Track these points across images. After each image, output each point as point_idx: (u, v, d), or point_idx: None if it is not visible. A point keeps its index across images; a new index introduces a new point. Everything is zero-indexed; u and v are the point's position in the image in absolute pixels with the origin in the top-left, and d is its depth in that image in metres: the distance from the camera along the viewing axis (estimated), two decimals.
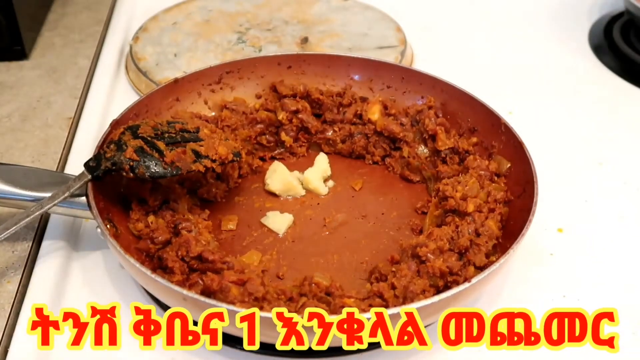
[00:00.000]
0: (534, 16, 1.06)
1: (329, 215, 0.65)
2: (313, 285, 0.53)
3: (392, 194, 0.68)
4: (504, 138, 0.66)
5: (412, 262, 0.55)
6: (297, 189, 0.67)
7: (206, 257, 0.54)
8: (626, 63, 0.94)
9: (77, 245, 0.63)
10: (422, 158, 0.69)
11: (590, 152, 0.78)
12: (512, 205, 0.61)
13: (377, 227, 0.64)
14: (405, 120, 0.70)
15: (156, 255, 0.56)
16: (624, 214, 0.70)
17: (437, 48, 0.96)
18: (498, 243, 0.58)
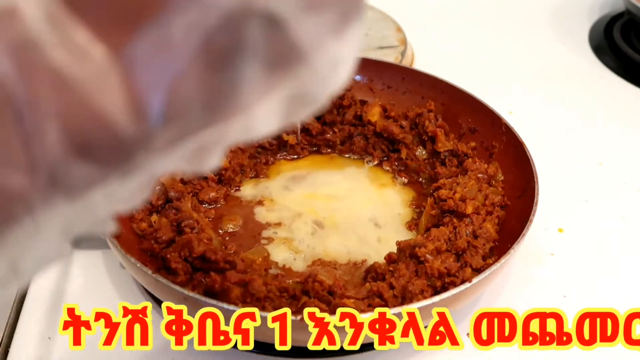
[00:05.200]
0: (534, 16, 1.06)
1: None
2: (316, 284, 0.53)
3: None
4: (505, 138, 0.66)
5: (410, 262, 0.55)
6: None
7: (209, 256, 0.54)
8: (626, 63, 0.94)
9: (78, 245, 0.62)
10: (421, 160, 0.69)
11: (590, 152, 0.78)
12: (512, 206, 0.61)
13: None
14: (404, 123, 0.71)
15: (160, 255, 0.56)
16: (624, 214, 0.70)
17: (438, 48, 0.96)
18: (495, 246, 0.58)
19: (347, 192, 0.68)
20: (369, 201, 0.67)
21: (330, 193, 0.68)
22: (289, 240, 0.62)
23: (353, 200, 0.67)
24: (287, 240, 0.62)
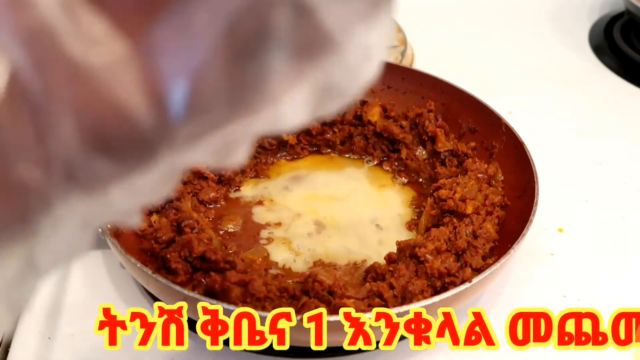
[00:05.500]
0: (534, 16, 1.06)
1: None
2: (316, 284, 0.53)
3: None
4: (505, 138, 0.66)
5: (410, 262, 0.55)
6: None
7: (209, 257, 0.54)
8: (626, 63, 0.94)
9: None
10: (420, 160, 0.69)
11: (590, 152, 0.78)
12: (512, 206, 0.61)
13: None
14: (404, 123, 0.71)
15: (160, 255, 0.56)
16: (624, 214, 0.70)
17: (438, 48, 0.96)
18: (495, 246, 0.58)
19: (347, 193, 0.68)
20: (369, 201, 0.67)
21: (330, 193, 0.68)
22: (289, 241, 0.62)
23: (353, 200, 0.67)
24: (287, 241, 0.62)
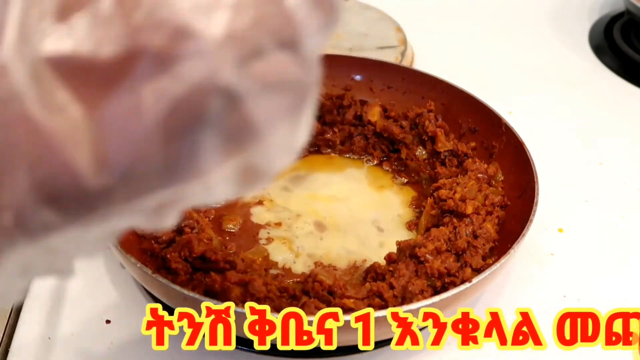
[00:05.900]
0: (534, 16, 1.06)
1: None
2: (316, 284, 0.53)
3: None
4: (505, 138, 0.66)
5: (410, 262, 0.55)
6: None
7: (209, 257, 0.54)
8: (626, 63, 0.94)
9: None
10: (421, 160, 0.69)
11: (590, 152, 0.78)
12: (512, 206, 0.61)
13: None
14: (404, 123, 0.71)
15: (160, 255, 0.56)
16: (624, 214, 0.70)
17: (437, 48, 0.96)
18: (495, 246, 0.58)
19: (347, 193, 0.68)
20: (368, 202, 0.67)
21: (330, 194, 0.68)
22: (289, 241, 0.62)
23: (353, 200, 0.67)
24: (287, 241, 0.62)
